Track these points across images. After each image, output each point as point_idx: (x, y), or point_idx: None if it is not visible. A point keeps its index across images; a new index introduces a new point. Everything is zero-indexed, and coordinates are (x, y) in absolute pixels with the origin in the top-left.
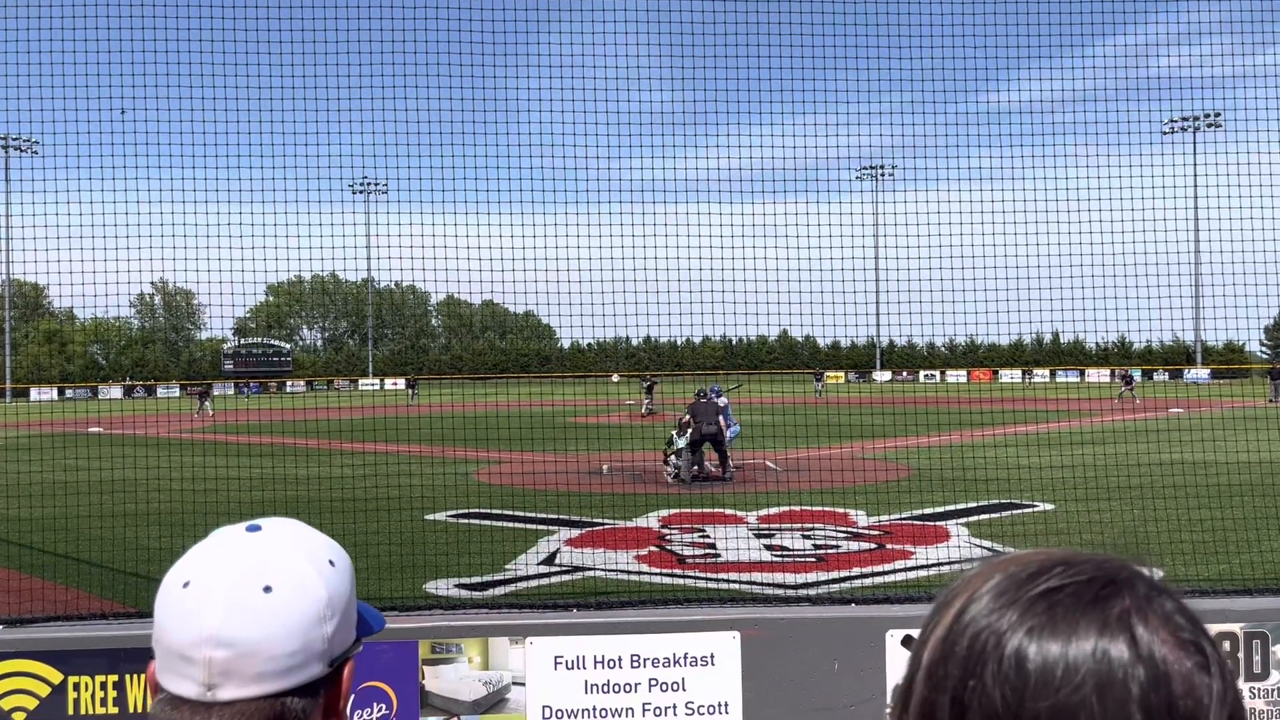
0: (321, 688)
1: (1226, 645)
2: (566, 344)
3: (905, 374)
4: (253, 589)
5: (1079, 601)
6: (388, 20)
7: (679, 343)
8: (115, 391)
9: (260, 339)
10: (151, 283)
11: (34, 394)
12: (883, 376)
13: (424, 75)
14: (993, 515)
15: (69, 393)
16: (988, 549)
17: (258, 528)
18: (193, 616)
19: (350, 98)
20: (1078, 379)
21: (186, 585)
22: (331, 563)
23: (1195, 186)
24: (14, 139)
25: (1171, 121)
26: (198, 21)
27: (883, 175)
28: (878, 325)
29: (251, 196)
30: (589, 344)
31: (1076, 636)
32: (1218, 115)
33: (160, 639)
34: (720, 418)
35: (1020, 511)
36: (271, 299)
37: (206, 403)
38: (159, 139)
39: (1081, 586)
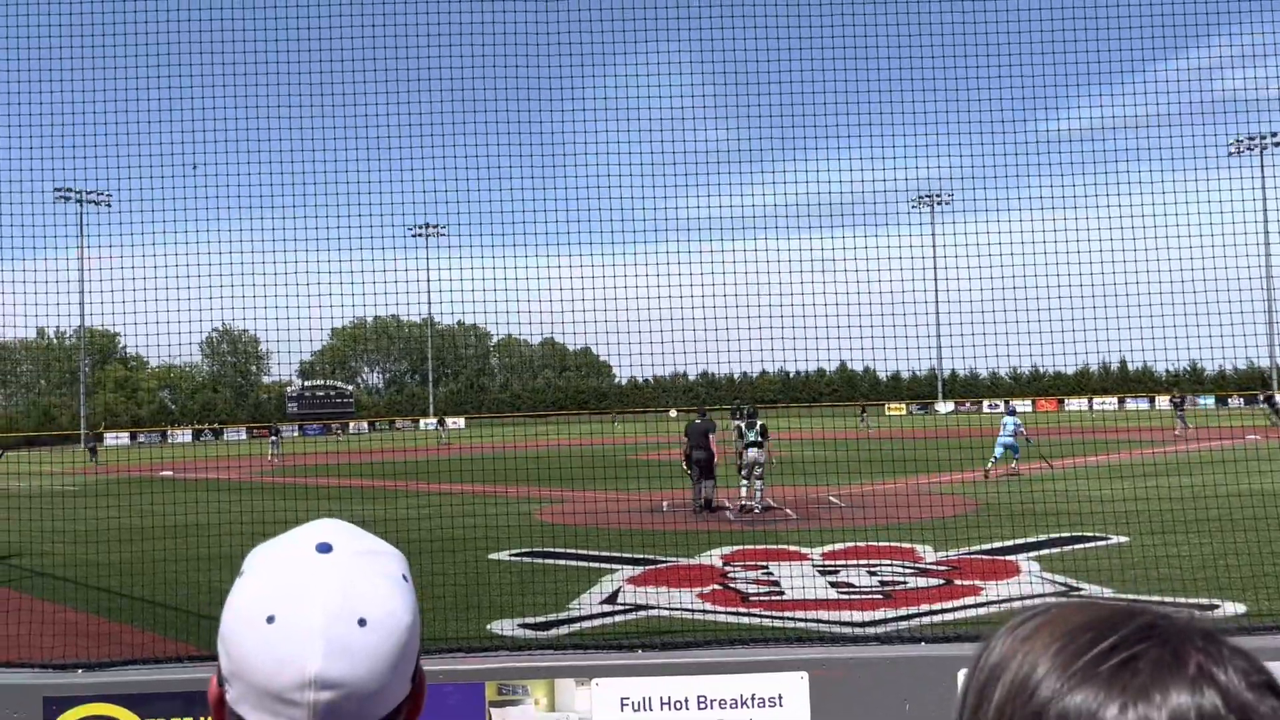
0: (405, 705)
1: None
2: (624, 380)
3: (968, 404)
4: (348, 625)
5: (1160, 665)
6: (445, 69)
7: (736, 377)
8: (185, 435)
9: (324, 381)
10: (217, 328)
11: (108, 439)
12: (945, 408)
13: (481, 120)
14: (1064, 549)
15: (140, 437)
16: (1061, 584)
17: (329, 548)
18: (291, 658)
19: (409, 144)
20: (1148, 406)
21: (272, 620)
22: (405, 578)
23: (1264, 206)
24: (88, 193)
25: (1237, 141)
26: (263, 75)
27: (939, 203)
28: (939, 355)
29: (317, 244)
30: (646, 380)
31: (1168, 700)
32: None
33: (245, 676)
34: (709, 439)
35: (1093, 545)
36: (335, 342)
37: (276, 445)
38: (225, 188)
39: (1153, 647)
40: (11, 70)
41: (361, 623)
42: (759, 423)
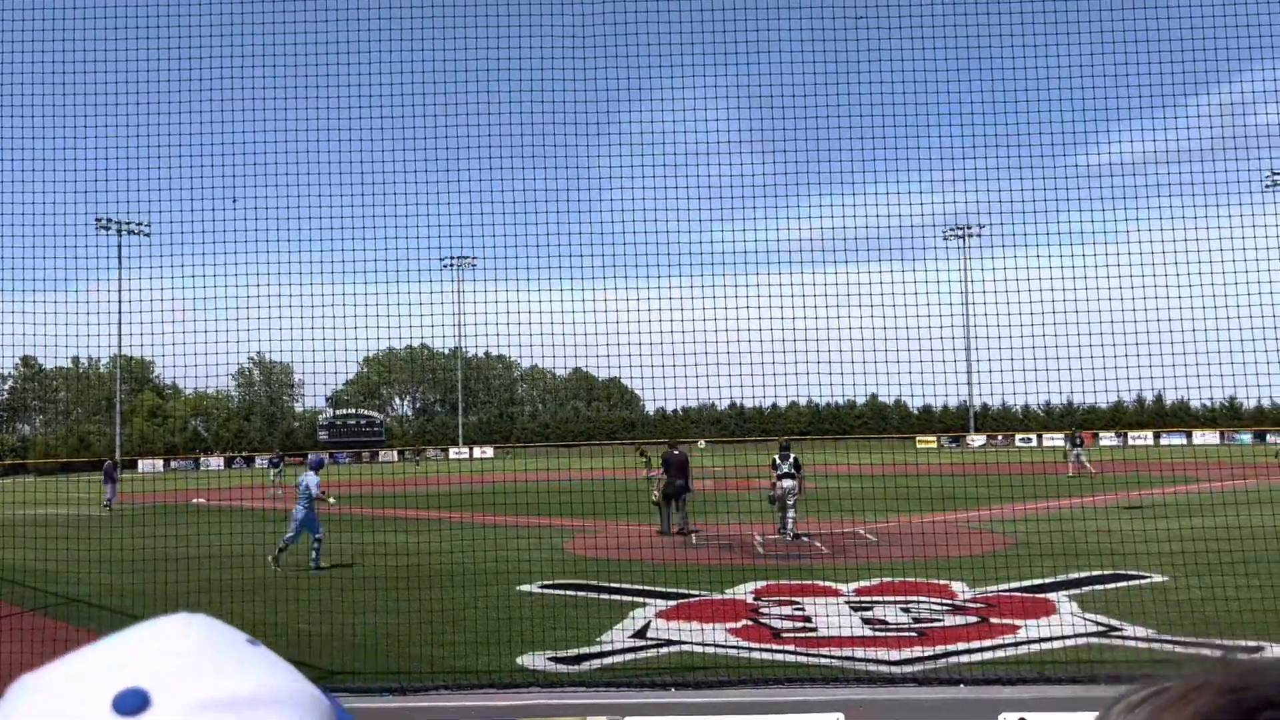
0: None
1: None
2: (653, 410)
3: (1000, 438)
4: None
5: None
6: (477, 104)
7: (765, 409)
8: (217, 462)
9: (354, 410)
10: (250, 357)
11: (140, 465)
12: (976, 441)
13: (512, 153)
14: (1103, 587)
15: (174, 464)
16: (1101, 624)
17: (142, 700)
18: None
19: (442, 177)
20: (1184, 441)
21: None
22: None
23: None
24: (126, 224)
25: (1274, 174)
26: (301, 110)
27: (971, 236)
28: (970, 387)
29: (352, 275)
30: (675, 411)
31: None
32: None
33: None
34: (686, 470)
35: (1131, 584)
36: (365, 370)
37: (278, 473)
38: (260, 221)
39: None
40: (60, 101)
41: None
42: (792, 455)
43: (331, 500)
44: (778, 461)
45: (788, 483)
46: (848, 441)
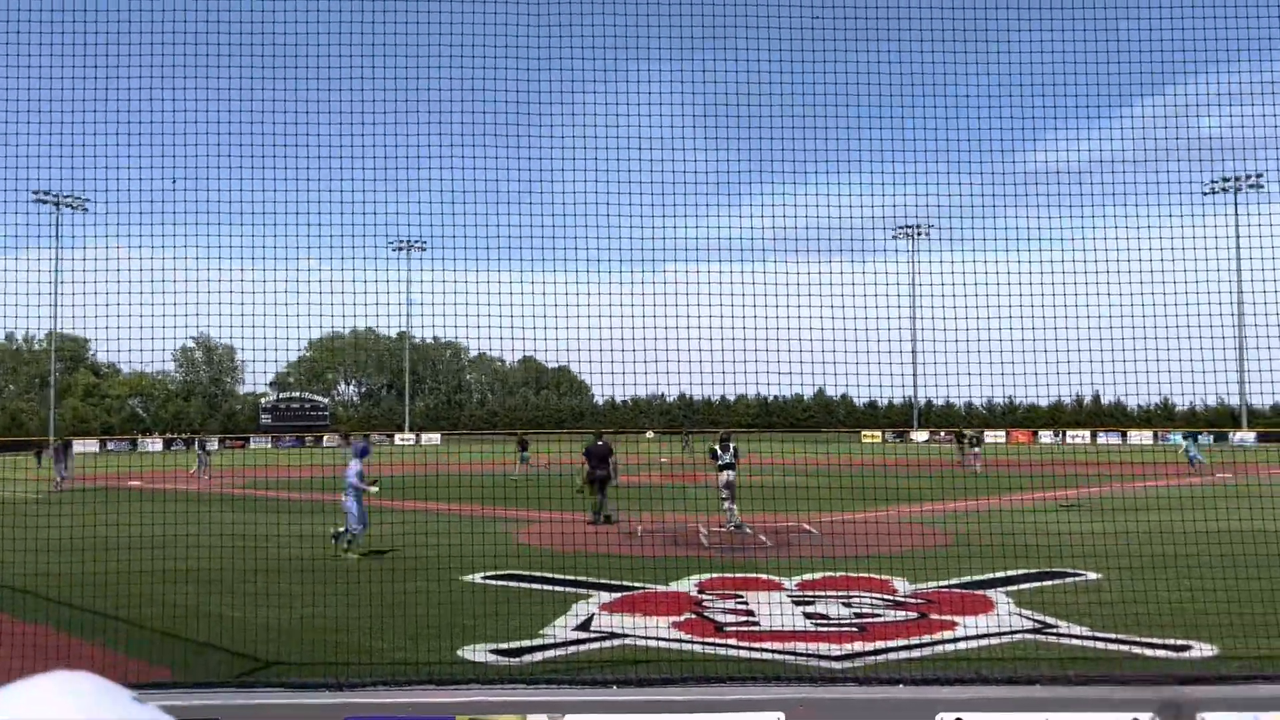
0: None
1: None
2: (601, 400)
3: (943, 434)
4: None
5: None
6: (429, 86)
7: (714, 400)
8: (155, 444)
9: (298, 393)
10: (192, 338)
11: (76, 446)
12: (920, 436)
13: (466, 137)
14: (1038, 584)
15: (110, 445)
16: (1037, 621)
17: None
18: None
19: (394, 161)
20: (1119, 440)
21: None
22: None
23: (1238, 246)
24: (65, 197)
25: (1213, 182)
26: (248, 87)
27: (919, 235)
28: (915, 385)
29: (298, 256)
30: (624, 401)
31: None
32: (1259, 176)
33: None
34: (608, 461)
35: (1066, 581)
36: (308, 354)
37: (206, 458)
38: (204, 198)
39: None
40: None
41: None
42: (733, 445)
43: (373, 489)
44: (718, 451)
45: (729, 474)
46: (795, 435)
